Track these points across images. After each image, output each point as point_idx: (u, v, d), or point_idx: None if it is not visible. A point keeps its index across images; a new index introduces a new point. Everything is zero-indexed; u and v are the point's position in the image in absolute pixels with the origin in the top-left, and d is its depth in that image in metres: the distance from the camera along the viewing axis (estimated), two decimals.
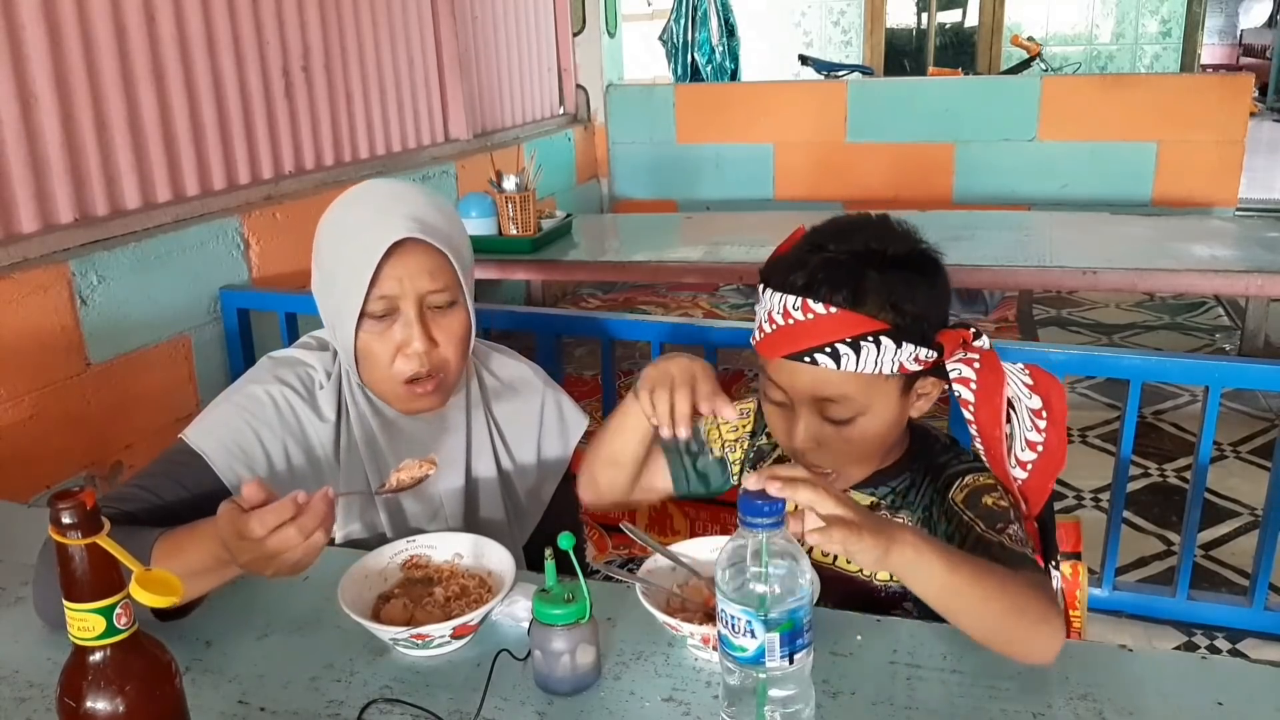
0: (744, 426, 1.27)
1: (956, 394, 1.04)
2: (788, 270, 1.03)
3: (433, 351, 1.17)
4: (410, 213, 1.14)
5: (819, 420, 1.05)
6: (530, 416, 1.34)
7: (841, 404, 1.03)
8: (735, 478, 1.27)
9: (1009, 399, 1.04)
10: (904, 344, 1.00)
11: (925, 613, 0.98)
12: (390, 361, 1.17)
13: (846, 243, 1.03)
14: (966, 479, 1.07)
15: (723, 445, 1.28)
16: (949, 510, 1.07)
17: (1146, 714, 0.90)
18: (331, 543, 1.23)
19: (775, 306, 1.03)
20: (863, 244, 1.03)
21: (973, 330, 1.04)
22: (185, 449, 1.17)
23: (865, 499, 1.14)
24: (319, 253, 1.20)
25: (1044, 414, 1.04)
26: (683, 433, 1.04)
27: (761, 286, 1.07)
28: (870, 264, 1.01)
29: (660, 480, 1.25)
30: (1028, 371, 1.05)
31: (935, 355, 1.02)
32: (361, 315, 1.14)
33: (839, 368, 1.00)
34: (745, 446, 1.27)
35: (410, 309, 1.15)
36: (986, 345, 1.04)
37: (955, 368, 1.04)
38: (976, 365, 1.03)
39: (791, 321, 1.01)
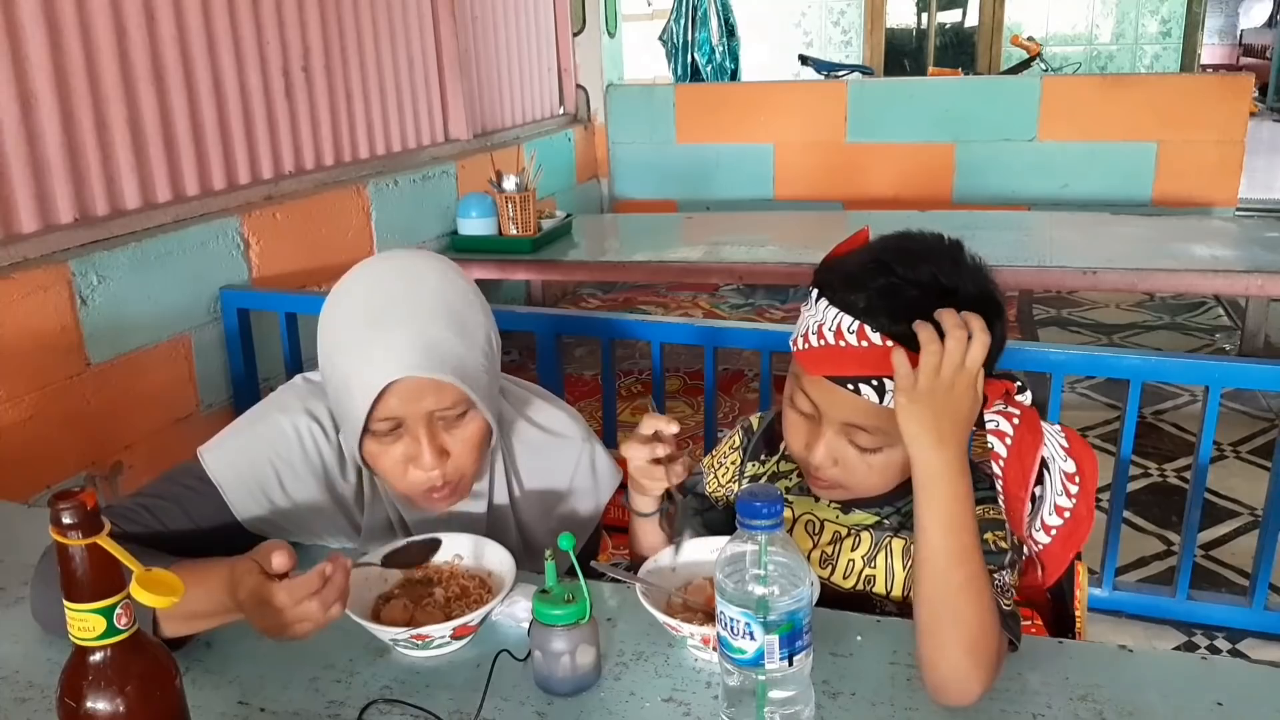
0: (733, 464, 1.27)
1: (990, 446, 1.00)
2: (848, 286, 0.98)
3: (445, 463, 1.10)
4: (415, 337, 1.04)
5: (843, 442, 1.04)
6: (561, 476, 1.27)
7: (872, 434, 1.01)
8: None
9: (1044, 459, 1.00)
10: None
11: None
12: (402, 473, 1.10)
13: (915, 270, 0.97)
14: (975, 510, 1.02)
15: (722, 490, 1.27)
16: None
17: (1146, 714, 0.90)
18: None
19: (829, 322, 0.98)
20: (931, 275, 0.97)
21: (1018, 384, 1.01)
22: (201, 476, 1.13)
23: (870, 518, 1.13)
24: (320, 344, 1.12)
25: (1076, 479, 1.01)
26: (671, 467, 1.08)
27: (815, 292, 1.01)
28: (936, 301, 0.95)
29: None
30: (1065, 435, 1.03)
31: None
32: (366, 430, 1.08)
33: (881, 402, 0.97)
34: (739, 484, 1.26)
35: (418, 426, 1.07)
36: (1028, 401, 1.01)
37: (993, 419, 0.99)
38: (1015, 421, 0.99)
39: (844, 344, 0.97)
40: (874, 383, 0.96)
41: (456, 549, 1.12)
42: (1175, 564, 2.33)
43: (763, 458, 1.24)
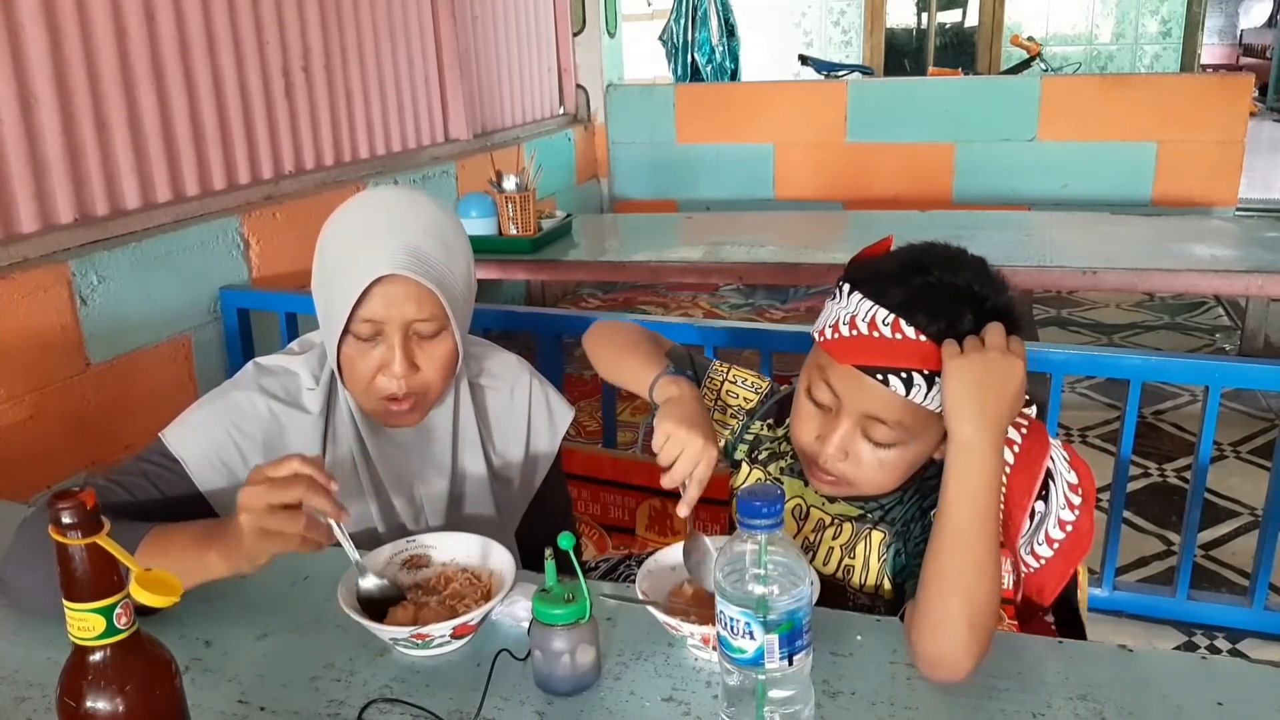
0: (745, 401, 1.28)
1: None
2: (885, 282, 1.01)
3: (413, 376, 1.17)
4: (406, 243, 1.13)
5: (858, 435, 1.04)
6: (519, 411, 1.35)
7: (891, 428, 1.02)
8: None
9: (1048, 470, 1.02)
10: None
11: None
12: (371, 377, 1.17)
13: (951, 274, 1.01)
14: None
15: (716, 402, 1.27)
16: (928, 527, 1.05)
17: (1146, 714, 0.90)
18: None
19: (862, 314, 1.00)
20: (965, 281, 1.01)
21: (1025, 396, 1.03)
22: (164, 452, 1.17)
23: (853, 510, 1.15)
24: (320, 257, 1.20)
25: (1079, 490, 1.03)
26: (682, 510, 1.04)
27: (847, 287, 1.04)
28: (970, 305, 0.99)
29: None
30: (1064, 449, 1.05)
31: None
32: (347, 332, 1.15)
33: (907, 395, 0.99)
34: (740, 423, 1.27)
35: (394, 334, 1.15)
36: (1033, 413, 1.04)
37: None
38: (1024, 430, 1.02)
39: (877, 335, 0.99)
40: (903, 375, 0.98)
41: (457, 548, 1.12)
42: (1175, 564, 2.33)
43: (770, 423, 1.25)
